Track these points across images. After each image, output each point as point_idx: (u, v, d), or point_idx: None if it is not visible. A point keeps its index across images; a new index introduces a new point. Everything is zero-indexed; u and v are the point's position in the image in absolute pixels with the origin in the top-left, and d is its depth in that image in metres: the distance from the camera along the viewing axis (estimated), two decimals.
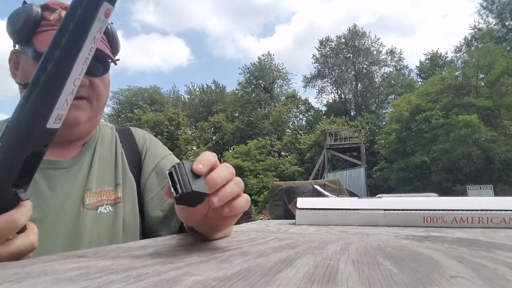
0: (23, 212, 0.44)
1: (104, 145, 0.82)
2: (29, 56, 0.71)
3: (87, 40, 0.39)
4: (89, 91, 0.73)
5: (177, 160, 0.88)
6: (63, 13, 0.72)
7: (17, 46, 0.74)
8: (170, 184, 0.43)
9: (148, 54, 59.50)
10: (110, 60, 0.77)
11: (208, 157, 0.45)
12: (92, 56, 0.70)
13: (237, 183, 0.46)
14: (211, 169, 0.44)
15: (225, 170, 0.45)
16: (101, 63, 0.75)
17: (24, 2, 0.72)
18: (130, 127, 0.92)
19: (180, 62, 59.41)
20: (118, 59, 0.83)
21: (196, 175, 0.43)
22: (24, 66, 0.73)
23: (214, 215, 0.50)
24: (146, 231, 0.81)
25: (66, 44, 0.39)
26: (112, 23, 0.81)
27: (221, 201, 0.43)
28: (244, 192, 0.48)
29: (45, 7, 0.72)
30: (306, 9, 58.85)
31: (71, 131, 0.74)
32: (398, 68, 31.66)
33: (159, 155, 0.86)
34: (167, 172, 0.44)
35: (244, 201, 0.46)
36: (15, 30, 0.71)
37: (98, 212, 0.73)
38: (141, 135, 0.90)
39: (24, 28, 0.69)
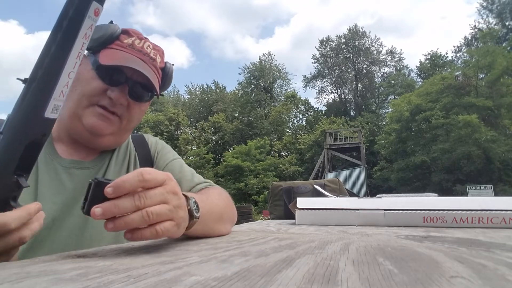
0: (15, 217, 0.45)
1: (121, 150, 0.87)
2: (90, 63, 0.75)
3: (79, 36, 0.44)
4: (125, 111, 0.77)
5: (186, 165, 0.91)
6: (137, 41, 0.78)
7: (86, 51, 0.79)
8: (84, 197, 0.45)
9: None
10: (155, 93, 0.81)
11: (126, 181, 0.43)
12: (141, 84, 0.76)
13: (146, 214, 0.43)
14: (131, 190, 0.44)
15: (132, 200, 0.43)
16: (146, 92, 0.79)
17: (111, 22, 0.78)
18: (143, 134, 0.96)
19: (181, 63, 59.30)
20: (162, 95, 0.89)
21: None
22: (80, 69, 0.76)
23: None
24: None
25: (61, 39, 0.43)
26: (173, 64, 0.88)
27: (115, 228, 0.43)
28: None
29: (124, 31, 0.78)
30: (305, 11, 58.77)
31: (94, 139, 0.77)
32: (398, 68, 31.66)
33: (168, 158, 0.90)
34: (88, 183, 0.45)
35: (150, 233, 0.44)
36: (92, 38, 0.75)
37: None
38: (153, 141, 0.94)
39: (99, 40, 0.74)
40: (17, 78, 0.55)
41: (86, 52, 0.78)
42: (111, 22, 0.78)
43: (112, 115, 0.76)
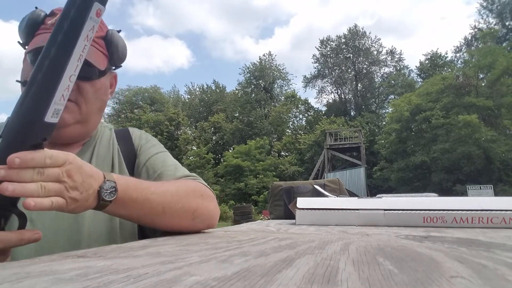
0: (4, 238, 0.48)
1: (102, 145, 0.84)
2: (27, 58, 0.74)
3: (80, 38, 0.42)
4: (77, 94, 0.74)
5: (171, 158, 0.88)
6: None
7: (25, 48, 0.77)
8: None
9: (149, 56, 59.17)
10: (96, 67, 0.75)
11: (34, 159, 0.46)
12: (84, 61, 0.73)
13: (41, 187, 0.46)
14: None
15: (32, 174, 0.46)
16: (92, 68, 0.74)
17: (36, 8, 0.75)
18: (129, 128, 0.93)
19: (181, 64, 59.29)
20: (120, 66, 0.84)
21: None
22: (23, 66, 0.76)
23: None
24: (146, 229, 0.81)
25: (61, 41, 0.42)
26: (120, 30, 0.82)
27: (14, 192, 0.45)
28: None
29: (50, 13, 0.75)
30: (304, 12, 58.76)
31: (58, 132, 0.74)
32: (398, 68, 31.66)
33: (150, 152, 0.87)
34: None
35: (48, 203, 0.47)
36: (20, 32, 0.74)
37: None
38: (138, 134, 0.91)
39: (25, 31, 0.73)
40: (16, 80, 0.55)
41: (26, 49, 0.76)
42: (36, 8, 0.75)
43: (68, 102, 0.72)
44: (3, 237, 0.48)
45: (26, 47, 0.76)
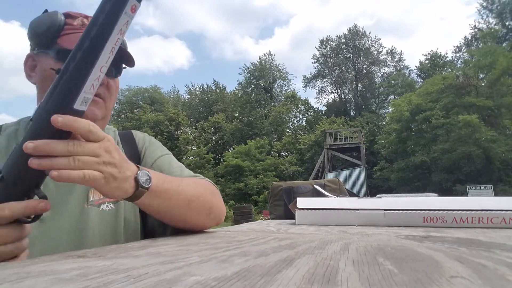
0: (11, 205, 0.47)
1: None
2: (52, 56, 0.74)
3: (114, 31, 0.44)
4: (105, 90, 0.77)
5: (175, 160, 0.89)
6: (85, 20, 0.77)
7: (35, 50, 0.77)
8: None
9: (149, 56, 59.04)
10: (124, 65, 0.80)
11: (79, 121, 0.46)
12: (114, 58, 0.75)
13: (73, 160, 0.46)
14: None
15: (66, 145, 0.46)
16: (115, 65, 0.78)
17: (46, 11, 0.76)
18: (131, 131, 0.95)
19: (181, 64, 59.20)
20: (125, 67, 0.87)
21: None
22: (43, 66, 0.75)
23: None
24: (149, 230, 0.82)
25: (95, 34, 0.44)
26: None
27: (40, 165, 0.45)
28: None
29: (67, 15, 0.77)
30: (304, 12, 58.68)
31: None
32: (398, 68, 31.65)
33: (156, 154, 0.88)
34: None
35: (77, 175, 0.46)
36: (38, 34, 0.74)
37: (100, 209, 0.75)
38: (141, 136, 0.92)
39: (48, 32, 0.73)
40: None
41: (36, 51, 0.76)
42: (46, 10, 0.76)
43: (98, 98, 0.75)
44: (10, 205, 0.47)
45: (36, 49, 0.76)
